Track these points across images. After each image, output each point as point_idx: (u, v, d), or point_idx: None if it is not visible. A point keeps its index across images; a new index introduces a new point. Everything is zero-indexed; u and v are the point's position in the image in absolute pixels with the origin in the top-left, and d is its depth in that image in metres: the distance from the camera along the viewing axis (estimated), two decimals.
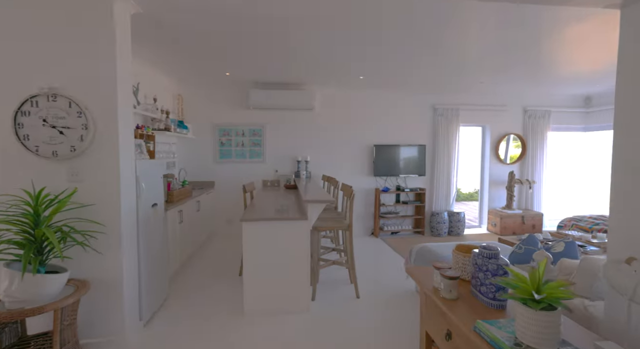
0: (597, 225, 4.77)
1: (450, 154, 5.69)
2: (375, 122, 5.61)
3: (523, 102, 5.95)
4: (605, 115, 5.75)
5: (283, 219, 2.79)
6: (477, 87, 5.35)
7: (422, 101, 5.71)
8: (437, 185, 5.70)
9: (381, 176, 5.59)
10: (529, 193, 5.93)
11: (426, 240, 5.27)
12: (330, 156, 5.53)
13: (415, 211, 5.79)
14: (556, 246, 2.22)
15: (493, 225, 5.78)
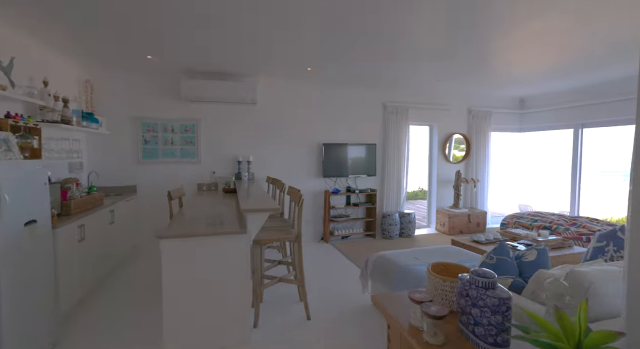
0: (535, 222, 4.94)
1: (400, 154, 5.52)
2: (325, 120, 5.22)
3: (467, 102, 6.03)
4: (538, 116, 6.06)
5: (216, 234, 2.22)
6: (425, 86, 5.25)
7: (372, 98, 5.46)
8: (387, 185, 5.50)
9: (331, 177, 5.22)
10: (474, 192, 6.03)
11: (378, 244, 5.02)
12: (275, 156, 5.01)
13: (366, 213, 5.53)
14: (528, 255, 2.01)
15: (442, 225, 5.76)
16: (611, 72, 4.40)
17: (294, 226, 3.02)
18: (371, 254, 3.10)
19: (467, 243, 3.85)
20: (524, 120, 6.34)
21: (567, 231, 4.49)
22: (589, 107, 5.22)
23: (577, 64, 4.12)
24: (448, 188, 6.04)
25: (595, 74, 4.56)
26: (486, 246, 3.71)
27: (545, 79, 4.86)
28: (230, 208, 3.11)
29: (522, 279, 1.98)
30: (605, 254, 2.38)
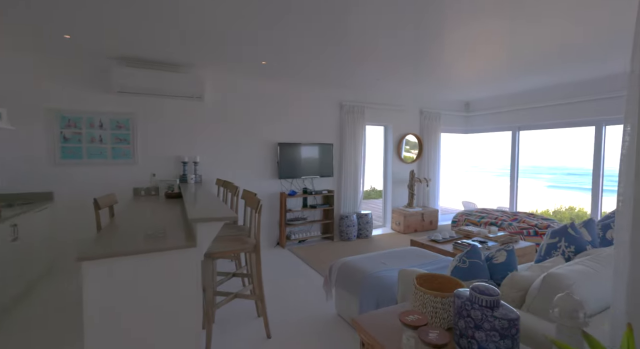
0: (483, 218, 5.19)
1: (357, 154, 5.45)
2: (281, 118, 4.94)
3: (419, 104, 6.17)
4: (481, 119, 6.43)
5: (158, 250, 1.85)
6: (379, 86, 5.24)
7: (329, 96, 5.31)
8: (345, 186, 5.39)
9: (287, 179, 4.96)
10: (426, 191, 6.20)
11: (337, 246, 4.88)
12: (226, 157, 4.60)
13: (323, 215, 5.36)
14: (498, 256, 1.97)
15: (397, 224, 5.81)
16: (546, 79, 4.76)
17: (250, 234, 2.71)
18: (334, 261, 2.91)
19: (426, 243, 3.85)
20: (469, 122, 6.68)
21: (510, 226, 4.76)
22: (525, 111, 5.64)
23: (515, 71, 4.41)
24: (402, 188, 6.13)
25: (530, 81, 4.91)
26: (444, 245, 3.74)
27: (486, 84, 5.14)
28: (175, 216, 2.70)
29: (493, 281, 1.93)
30: (557, 249, 2.46)
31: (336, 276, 2.79)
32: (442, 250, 3.60)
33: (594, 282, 1.50)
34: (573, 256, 2.42)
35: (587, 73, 4.48)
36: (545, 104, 5.31)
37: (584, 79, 4.78)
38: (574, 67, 4.21)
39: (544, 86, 5.25)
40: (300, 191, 5.10)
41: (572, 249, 2.41)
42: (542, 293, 1.49)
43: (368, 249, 4.70)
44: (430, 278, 1.40)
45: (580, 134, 5.16)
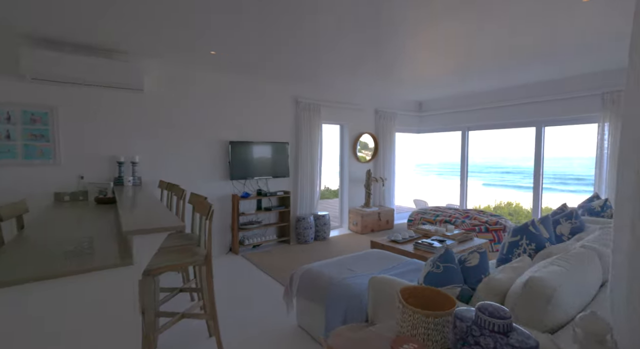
0: (438, 216, 5.31)
1: (313, 153, 5.26)
2: (233, 115, 4.56)
3: (375, 103, 6.17)
4: (433, 119, 6.62)
5: (80, 272, 1.46)
6: (336, 85, 5.11)
7: (285, 92, 5.04)
8: (301, 187, 5.17)
9: (239, 180, 4.60)
10: (382, 190, 6.21)
11: (294, 250, 4.64)
12: (171, 156, 4.12)
13: (279, 218, 5.08)
14: (471, 259, 1.90)
15: (354, 224, 5.74)
16: (492, 81, 4.99)
17: (200, 244, 2.37)
18: (296, 269, 2.68)
19: (387, 244, 3.78)
20: (422, 122, 6.86)
21: (463, 224, 4.92)
22: (474, 112, 5.90)
23: (464, 74, 4.60)
24: (358, 187, 6.07)
25: (478, 84, 5.13)
26: (404, 245, 3.70)
27: (438, 85, 5.30)
28: (107, 225, 2.26)
29: (467, 286, 1.85)
30: (519, 247, 2.49)
31: (298, 285, 2.56)
32: (403, 251, 3.55)
33: (572, 284, 1.46)
34: (534, 254, 2.46)
35: (530, 77, 4.77)
36: (492, 105, 5.60)
37: (527, 83, 5.10)
38: (518, 71, 4.46)
39: (491, 89, 5.53)
40: (254, 192, 4.77)
41: (533, 246, 2.45)
42: (525, 299, 1.41)
43: (327, 252, 4.54)
44: (415, 292, 1.24)
45: (517, 135, 5.54)
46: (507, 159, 33.47)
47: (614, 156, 4.33)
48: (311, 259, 4.21)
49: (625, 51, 3.59)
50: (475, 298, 1.72)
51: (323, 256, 4.32)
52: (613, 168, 4.35)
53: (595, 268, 1.73)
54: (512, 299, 1.50)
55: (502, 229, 4.69)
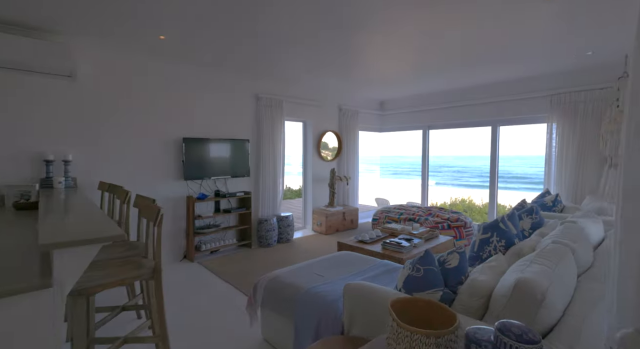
0: (402, 215, 5.31)
1: (276, 151, 5.00)
2: (187, 109, 4.16)
3: (338, 100, 6.05)
4: (394, 118, 6.67)
5: None
6: (298, 79, 4.90)
7: (244, 86, 4.72)
8: (263, 187, 4.88)
9: (195, 180, 4.20)
10: (346, 189, 6.11)
11: (256, 254, 4.35)
12: (115, 154, 3.63)
13: (239, 221, 4.75)
14: (451, 260, 1.79)
15: (319, 225, 5.56)
16: (451, 81, 5.10)
17: (147, 254, 2.03)
18: (260, 277, 2.42)
19: (354, 244, 3.65)
20: (384, 121, 6.88)
21: (426, 221, 4.95)
22: (433, 111, 6.02)
23: (423, 73, 4.67)
24: (322, 187, 5.91)
25: (437, 83, 5.22)
26: (372, 246, 3.59)
27: (399, 85, 5.33)
28: (25, 236, 1.84)
29: (447, 288, 1.74)
30: (490, 244, 2.46)
31: (263, 295, 2.31)
32: (371, 251, 3.44)
33: (558, 283, 1.40)
34: (504, 250, 2.44)
35: (485, 78, 4.93)
36: (451, 105, 5.73)
37: (483, 83, 5.27)
38: (473, 72, 4.59)
39: (450, 88, 5.66)
40: (212, 193, 4.40)
41: (503, 243, 2.43)
42: (514, 302, 1.31)
43: (292, 256, 4.31)
44: (406, 304, 1.07)
45: (469, 135, 5.74)
46: (457, 159, 35.55)
47: (561, 155, 4.61)
48: (275, 264, 3.96)
49: (567, 56, 3.81)
50: (458, 302, 1.61)
51: (288, 260, 4.08)
52: (560, 166, 4.63)
53: (571, 263, 1.70)
54: (499, 302, 1.40)
55: (462, 225, 4.79)
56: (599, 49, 3.65)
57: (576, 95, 4.43)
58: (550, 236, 2.29)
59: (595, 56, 3.88)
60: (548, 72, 4.60)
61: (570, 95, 4.48)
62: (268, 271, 3.69)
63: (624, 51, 3.71)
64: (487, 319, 1.46)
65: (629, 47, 3.58)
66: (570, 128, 4.51)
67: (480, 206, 11.01)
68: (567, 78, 4.56)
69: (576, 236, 2.19)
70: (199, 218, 4.14)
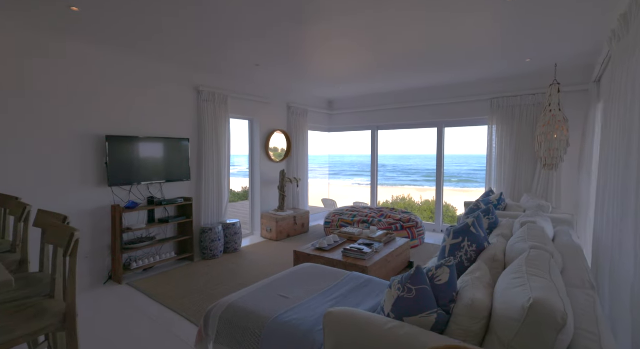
0: (355, 217, 5.19)
1: (220, 151, 4.49)
2: (110, 101, 3.45)
3: (287, 98, 5.71)
4: (343, 118, 6.55)
5: None
6: (245, 74, 4.47)
7: (183, 78, 4.12)
8: (206, 192, 4.34)
9: (122, 186, 3.52)
10: (296, 191, 5.81)
11: (199, 268, 3.82)
12: (6, 155, 2.82)
13: (179, 231, 4.15)
14: (441, 275, 1.60)
15: (268, 230, 5.17)
16: (398, 83, 5.11)
17: (54, 293, 1.50)
18: (213, 305, 2.00)
19: (312, 253, 3.37)
20: (333, 121, 6.72)
21: (379, 223, 4.89)
22: (382, 112, 6.02)
23: (373, 74, 4.62)
24: (271, 189, 5.53)
25: (385, 85, 5.21)
26: (332, 254, 3.35)
27: (347, 84, 5.23)
28: None
29: (440, 308, 1.55)
30: (461, 249, 2.38)
31: (218, 327, 1.90)
32: (332, 260, 3.20)
33: (565, 298, 1.28)
34: (474, 255, 2.37)
35: (432, 80, 5.03)
36: (399, 106, 5.78)
37: (429, 86, 5.39)
38: (421, 74, 4.65)
39: (398, 90, 5.70)
40: (145, 201, 3.75)
41: (474, 247, 2.36)
42: (530, 327, 1.15)
43: (242, 268, 3.87)
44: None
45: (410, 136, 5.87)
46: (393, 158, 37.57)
47: (500, 155, 4.89)
48: (223, 279, 3.49)
49: (508, 62, 4.02)
50: (456, 325, 1.42)
51: (238, 273, 3.65)
52: (500, 165, 4.91)
53: (557, 271, 1.64)
54: (509, 328, 1.23)
55: (414, 226, 4.82)
56: (535, 58, 3.91)
57: (513, 99, 4.73)
58: (518, 238, 2.26)
59: (532, 64, 4.15)
60: (489, 77, 4.84)
61: (508, 99, 4.77)
62: (215, 288, 3.23)
63: (554, 60, 4.02)
64: (494, 346, 1.29)
65: (558, 57, 3.89)
66: (508, 130, 4.80)
67: (419, 203, 11.58)
68: (505, 83, 4.86)
69: (542, 237, 2.19)
70: (129, 231, 3.47)
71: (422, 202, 11.86)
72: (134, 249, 3.49)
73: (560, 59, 3.94)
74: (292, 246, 4.77)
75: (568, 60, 3.99)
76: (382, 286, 2.20)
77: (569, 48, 3.55)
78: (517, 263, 1.68)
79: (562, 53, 3.72)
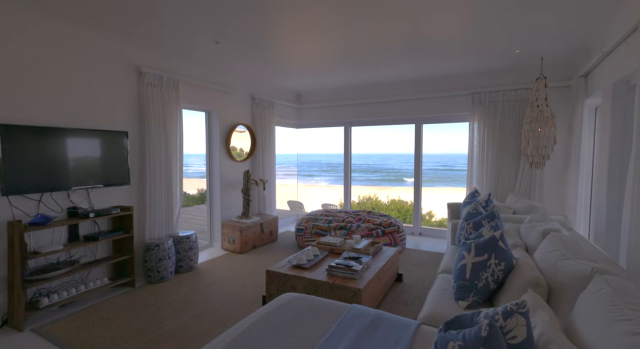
0: (330, 222, 4.61)
1: (170, 148, 3.66)
2: (14, 79, 2.51)
3: (251, 88, 4.98)
4: (313, 113, 5.94)
5: None
6: (200, 57, 3.70)
7: (119, 54, 3.25)
8: (152, 197, 3.49)
9: (28, 194, 2.59)
10: (262, 195, 5.09)
11: (143, 299, 2.98)
12: None
13: (114, 250, 3.26)
14: (515, 330, 1.04)
15: (230, 242, 4.40)
16: (374, 74, 4.63)
17: None
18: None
19: (290, 273, 2.72)
20: (301, 115, 6.09)
21: (359, 228, 4.36)
22: (356, 107, 5.52)
23: (346, 63, 4.15)
24: (233, 193, 4.76)
25: (359, 76, 4.71)
26: (314, 272, 2.73)
27: (317, 73, 4.67)
28: None
29: None
30: (487, 268, 1.89)
31: None
32: (316, 281, 2.58)
33: None
34: (502, 276, 1.89)
35: (408, 73, 4.61)
36: (374, 100, 5.31)
37: (407, 79, 4.97)
38: (398, 65, 4.23)
39: (371, 82, 5.22)
40: (64, 213, 2.84)
41: (502, 266, 1.88)
42: None
43: (200, 294, 3.10)
44: None
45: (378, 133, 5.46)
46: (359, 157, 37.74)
47: (482, 153, 4.61)
48: (174, 310, 2.72)
49: (495, 52, 3.71)
50: None
51: (193, 302, 2.88)
52: (481, 164, 4.62)
53: None
54: None
55: (396, 230, 4.36)
56: (522, 48, 3.63)
57: (495, 95, 4.46)
58: (555, 253, 1.80)
59: (515, 58, 3.90)
60: (470, 70, 4.53)
61: (490, 94, 4.50)
62: (162, 326, 2.45)
63: (540, 52, 3.78)
64: None
65: (545, 50, 3.65)
66: (490, 127, 4.53)
67: (386, 203, 11.34)
68: (487, 78, 4.58)
69: (577, 250, 1.76)
70: (37, 255, 2.54)
71: (388, 201, 11.67)
72: (45, 280, 2.56)
73: (545, 51, 3.70)
74: (261, 259, 4.07)
75: (552, 53, 3.77)
76: (398, 326, 1.63)
77: (557, 38, 3.29)
78: (603, 296, 1.19)
79: (549, 44, 3.45)
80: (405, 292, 3.14)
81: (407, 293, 3.12)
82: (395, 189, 20.41)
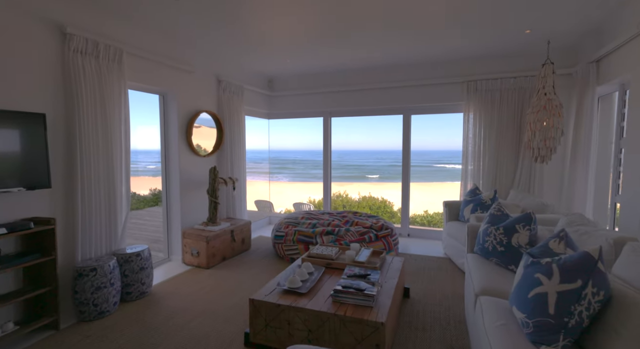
0: (315, 227, 3.96)
1: (111, 138, 2.77)
2: None
3: (217, 69, 4.15)
4: (286, 102, 5.23)
5: None
6: (151, 20, 2.84)
7: (34, 9, 2.30)
8: (85, 204, 2.59)
9: None
10: (232, 196, 4.30)
11: (71, 346, 2.12)
12: None
13: (26, 281, 2.33)
14: None
15: (194, 254, 3.58)
16: (356, 55, 4.05)
17: None
18: None
19: (281, 302, 2.04)
20: (273, 104, 5.34)
21: (348, 233, 3.76)
22: (337, 94, 4.91)
23: (323, 40, 3.54)
24: (197, 195, 3.93)
25: (341, 56, 4.10)
26: (314, 299, 2.08)
27: (291, 53, 4.00)
28: None
29: None
30: (582, 300, 1.36)
31: None
32: (319, 313, 1.93)
33: None
34: (598, 308, 1.38)
35: (394, 56, 4.09)
36: (356, 88, 4.75)
37: (392, 63, 4.45)
38: (383, 46, 3.72)
39: (355, 67, 4.64)
40: None
41: (601, 297, 1.36)
42: None
43: (157, 336, 2.29)
44: None
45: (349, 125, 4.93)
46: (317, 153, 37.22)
47: (479, 146, 4.23)
48: None
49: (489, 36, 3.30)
50: None
51: (150, 348, 2.08)
52: (478, 158, 4.25)
53: None
54: None
55: (389, 234, 3.83)
56: (529, 28, 3.26)
57: (492, 83, 4.10)
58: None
59: (514, 42, 3.55)
60: (464, 55, 4.11)
61: (487, 82, 4.12)
62: None
63: (547, 37, 3.44)
64: None
65: (554, 33, 3.31)
66: (487, 118, 4.16)
67: (357, 200, 10.92)
68: (483, 64, 4.21)
69: None
70: None
71: (359, 198, 11.26)
72: None
73: (554, 34, 3.36)
74: (235, 275, 3.32)
75: (559, 36, 3.44)
76: None
77: (574, 14, 2.92)
78: None
79: (565, 20, 3.08)
80: (417, 312, 2.59)
81: (420, 313, 2.58)
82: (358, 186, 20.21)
